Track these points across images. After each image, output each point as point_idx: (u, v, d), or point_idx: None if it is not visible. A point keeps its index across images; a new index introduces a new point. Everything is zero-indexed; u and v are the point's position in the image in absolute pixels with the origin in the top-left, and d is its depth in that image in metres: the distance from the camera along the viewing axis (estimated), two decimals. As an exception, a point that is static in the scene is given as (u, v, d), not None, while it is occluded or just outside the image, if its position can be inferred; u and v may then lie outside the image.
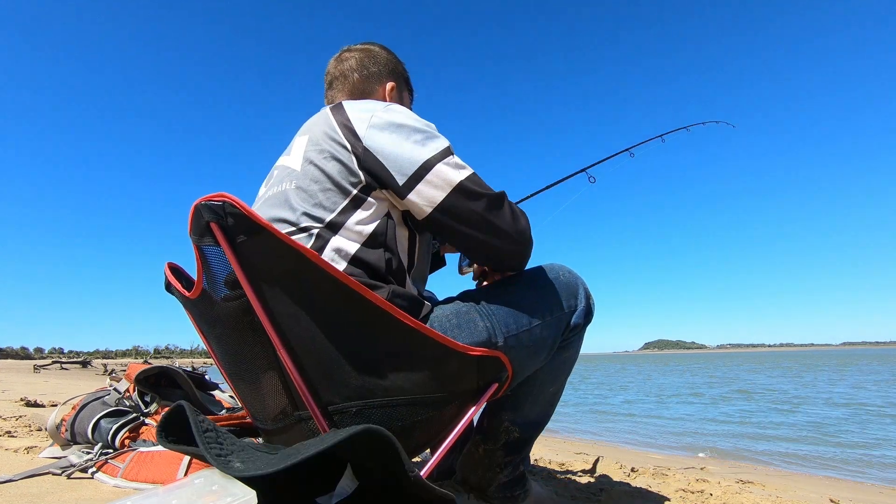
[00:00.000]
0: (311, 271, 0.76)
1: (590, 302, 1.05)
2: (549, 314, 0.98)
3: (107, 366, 25.24)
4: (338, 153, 0.90)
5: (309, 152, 0.93)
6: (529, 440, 1.11)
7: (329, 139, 0.91)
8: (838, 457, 4.03)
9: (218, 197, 0.75)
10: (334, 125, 0.92)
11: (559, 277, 1.03)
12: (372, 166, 0.88)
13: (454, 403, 0.88)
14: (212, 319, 0.88)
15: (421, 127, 0.92)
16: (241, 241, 0.76)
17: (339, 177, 0.89)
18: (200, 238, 0.78)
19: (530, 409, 1.08)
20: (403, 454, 0.59)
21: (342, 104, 0.96)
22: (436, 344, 0.82)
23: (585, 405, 8.39)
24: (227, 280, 0.82)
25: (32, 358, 68.23)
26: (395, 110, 0.93)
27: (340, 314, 0.79)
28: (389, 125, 0.90)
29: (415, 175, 0.87)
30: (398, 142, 0.89)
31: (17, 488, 1.03)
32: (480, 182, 0.91)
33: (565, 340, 1.03)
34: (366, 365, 0.80)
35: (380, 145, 0.88)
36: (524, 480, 1.16)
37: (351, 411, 0.81)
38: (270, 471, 0.54)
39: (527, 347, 0.96)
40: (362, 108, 0.94)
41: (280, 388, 0.84)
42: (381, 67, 1.17)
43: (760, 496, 1.65)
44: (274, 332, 0.78)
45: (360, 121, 0.91)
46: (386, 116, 0.91)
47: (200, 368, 2.07)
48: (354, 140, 0.89)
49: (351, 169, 0.89)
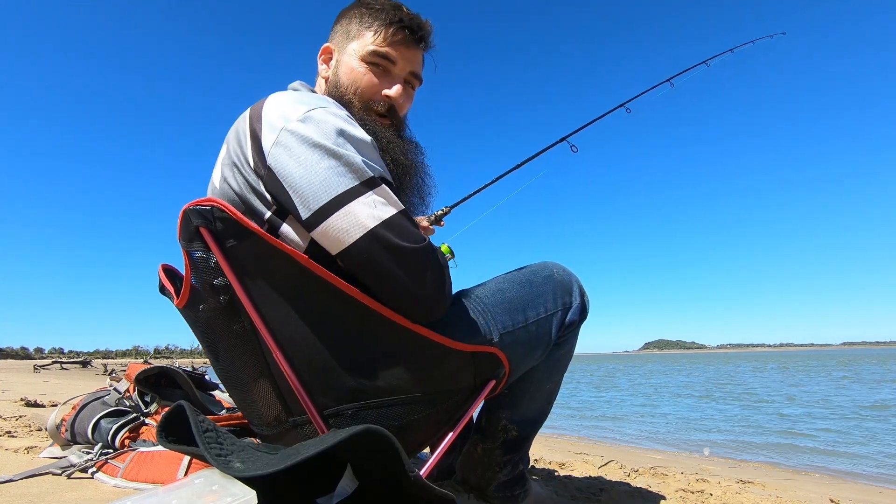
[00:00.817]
0: (301, 274, 0.75)
1: (584, 299, 1.05)
2: (544, 311, 0.98)
3: (107, 366, 25.25)
4: (245, 172, 0.79)
5: (224, 166, 0.84)
6: (528, 438, 1.11)
7: (239, 152, 0.81)
8: (839, 457, 4.03)
9: (206, 202, 0.75)
10: (246, 133, 0.80)
11: (553, 275, 1.03)
12: (275, 191, 0.77)
13: (452, 401, 0.88)
14: (201, 326, 0.87)
15: (339, 150, 0.74)
16: (230, 245, 0.76)
17: (252, 197, 0.79)
18: (189, 243, 0.78)
19: (528, 406, 1.08)
20: (403, 454, 0.59)
21: (266, 101, 0.82)
22: (429, 342, 0.81)
23: (585, 405, 8.39)
24: (217, 285, 0.80)
25: (32, 358, 68.28)
26: (312, 121, 0.76)
27: (332, 315, 0.78)
28: (301, 142, 0.74)
29: (321, 211, 0.73)
30: (308, 167, 0.74)
31: (18, 488, 1.03)
32: (401, 228, 0.76)
33: (561, 338, 1.03)
34: (360, 366, 0.80)
35: (285, 169, 0.74)
36: (524, 480, 1.15)
37: (347, 413, 0.80)
38: (270, 471, 0.54)
39: (523, 344, 0.95)
40: (280, 111, 0.78)
41: (273, 395, 0.83)
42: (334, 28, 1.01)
43: (760, 496, 1.65)
44: (269, 335, 0.77)
45: (269, 131, 0.77)
46: (299, 130, 0.75)
47: (200, 368, 2.07)
48: (259, 158, 0.77)
49: (259, 192, 0.79)
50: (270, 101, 0.81)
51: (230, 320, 0.81)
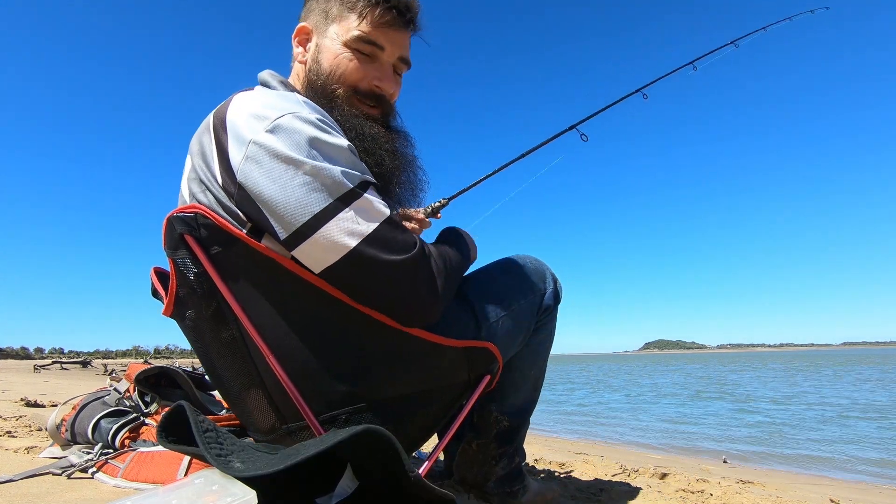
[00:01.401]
0: (289, 279, 0.75)
1: (557, 285, 1.10)
2: (522, 298, 1.02)
3: (107, 366, 25.24)
4: (213, 189, 0.74)
5: (191, 181, 0.78)
6: (520, 428, 1.12)
7: (205, 168, 0.75)
8: (839, 457, 4.03)
9: (190, 209, 0.75)
10: (211, 145, 0.74)
11: (528, 264, 1.07)
12: (248, 209, 0.72)
13: (448, 399, 0.88)
14: (191, 334, 0.86)
15: (314, 164, 0.69)
16: (215, 252, 0.75)
17: (224, 217, 0.74)
18: (174, 251, 0.77)
19: (515, 395, 1.10)
20: (403, 454, 0.59)
21: (230, 105, 0.75)
22: (421, 341, 0.81)
23: (586, 405, 8.39)
24: (203, 293, 0.78)
25: (32, 358, 68.25)
26: (282, 131, 0.69)
27: (322, 319, 0.78)
28: (272, 157, 0.69)
29: (299, 232, 0.70)
30: (281, 183, 0.68)
31: (18, 488, 1.03)
32: (386, 241, 0.72)
33: (539, 322, 1.07)
34: (352, 369, 0.79)
35: (257, 187, 0.69)
36: (522, 476, 1.16)
37: (341, 418, 0.79)
38: (270, 471, 0.54)
39: (506, 333, 0.98)
40: (243, 121, 0.71)
41: (264, 403, 0.81)
42: (308, 5, 0.94)
43: (760, 496, 1.65)
44: (261, 340, 0.76)
45: (237, 143, 0.71)
46: (268, 143, 0.69)
47: (200, 368, 2.07)
48: (227, 175, 0.72)
49: (230, 210, 0.74)
50: (235, 105, 0.74)
51: (218, 328, 0.80)
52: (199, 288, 0.78)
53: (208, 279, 0.76)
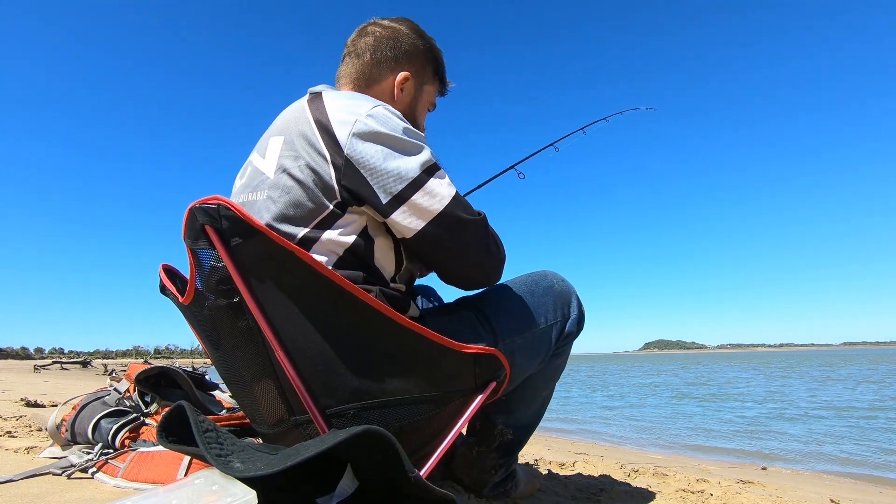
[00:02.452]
0: (306, 273, 0.76)
1: (581, 311, 1.09)
2: (545, 321, 1.01)
3: (107, 366, 25.26)
4: (315, 163, 0.83)
5: (283, 158, 0.86)
6: (521, 442, 1.15)
7: (306, 144, 0.84)
8: (839, 456, 4.03)
9: (212, 200, 0.75)
10: (312, 126, 0.84)
11: (554, 286, 1.06)
12: (352, 181, 0.82)
13: (453, 402, 0.88)
14: (206, 324, 0.87)
15: (406, 138, 0.85)
16: (235, 243, 0.76)
17: (315, 189, 0.82)
18: (195, 241, 0.78)
19: (523, 412, 1.11)
20: (404, 455, 0.59)
21: (322, 97, 0.88)
22: (432, 343, 0.82)
23: (586, 405, 8.39)
24: (221, 283, 0.80)
25: (32, 358, 68.27)
26: (379, 117, 0.84)
27: (335, 315, 0.79)
28: (374, 135, 0.82)
29: (399, 195, 0.82)
30: (383, 155, 0.82)
31: (18, 488, 1.03)
32: (465, 204, 0.87)
33: (559, 347, 1.06)
34: (362, 366, 0.80)
35: (363, 158, 0.81)
36: (514, 473, 1.20)
37: (349, 414, 0.81)
38: (271, 471, 0.54)
39: (525, 352, 0.98)
40: (345, 108, 0.85)
41: (275, 393, 0.83)
42: (399, 53, 1.05)
43: (760, 496, 1.66)
44: (271, 334, 0.77)
45: (341, 124, 0.83)
46: (371, 124, 0.83)
47: (200, 368, 2.07)
48: (334, 149, 0.82)
49: (327, 183, 0.82)
50: (330, 100, 0.87)
51: (236, 318, 0.81)
52: (218, 278, 0.80)
53: (227, 270, 0.77)
